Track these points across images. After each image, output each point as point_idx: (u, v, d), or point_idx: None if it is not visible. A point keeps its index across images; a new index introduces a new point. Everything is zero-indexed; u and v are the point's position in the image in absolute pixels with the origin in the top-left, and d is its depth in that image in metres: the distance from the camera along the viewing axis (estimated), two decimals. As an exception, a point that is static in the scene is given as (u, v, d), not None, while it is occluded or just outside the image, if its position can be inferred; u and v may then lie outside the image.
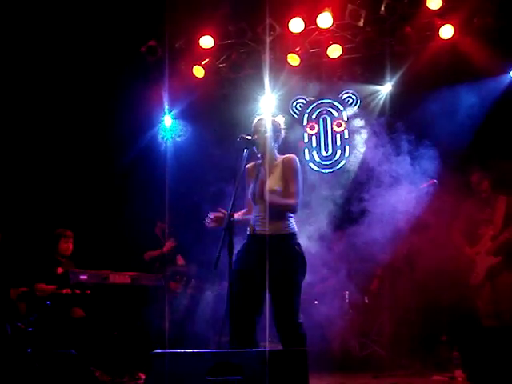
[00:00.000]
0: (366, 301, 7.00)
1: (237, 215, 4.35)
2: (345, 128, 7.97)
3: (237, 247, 4.20)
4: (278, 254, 4.17)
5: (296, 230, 4.31)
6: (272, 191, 4.26)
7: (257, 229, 4.29)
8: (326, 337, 6.56)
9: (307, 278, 4.29)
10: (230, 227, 4.07)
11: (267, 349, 3.32)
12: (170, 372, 3.23)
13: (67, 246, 6.44)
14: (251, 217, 4.34)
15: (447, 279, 6.16)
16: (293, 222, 4.34)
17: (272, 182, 4.31)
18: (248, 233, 4.34)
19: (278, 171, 4.36)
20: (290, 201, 4.25)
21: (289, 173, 4.34)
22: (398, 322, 6.54)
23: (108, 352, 5.85)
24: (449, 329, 6.25)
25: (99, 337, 5.82)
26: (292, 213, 4.30)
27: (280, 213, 4.29)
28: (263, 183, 4.34)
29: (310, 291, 6.37)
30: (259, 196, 4.32)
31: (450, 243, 6.28)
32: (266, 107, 7.59)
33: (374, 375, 5.95)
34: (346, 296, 6.93)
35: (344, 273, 6.73)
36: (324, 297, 6.75)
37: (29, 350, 3.12)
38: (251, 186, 4.41)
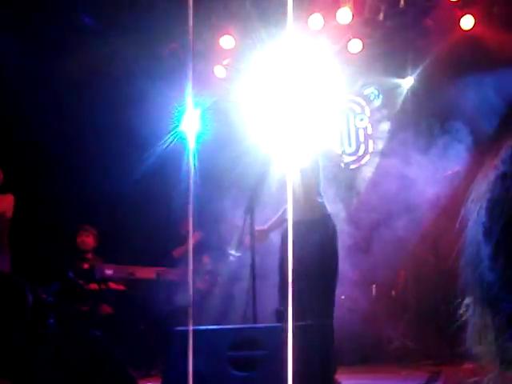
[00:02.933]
0: (393, 293, 6.94)
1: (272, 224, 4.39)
2: (368, 123, 7.95)
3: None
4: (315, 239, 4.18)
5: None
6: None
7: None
8: (354, 331, 6.51)
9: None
10: (252, 209, 4.11)
11: (289, 324, 3.31)
12: (192, 348, 3.25)
13: (84, 240, 6.46)
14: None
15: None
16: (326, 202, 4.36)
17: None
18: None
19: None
20: None
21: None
22: (424, 314, 6.47)
23: (134, 347, 5.88)
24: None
25: (126, 332, 5.86)
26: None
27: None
28: None
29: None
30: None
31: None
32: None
33: (404, 366, 5.89)
34: (373, 290, 6.89)
35: (370, 264, 6.68)
36: (351, 291, 6.70)
37: (51, 321, 3.16)
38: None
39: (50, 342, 2.90)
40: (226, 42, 7.74)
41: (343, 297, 6.76)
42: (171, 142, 7.72)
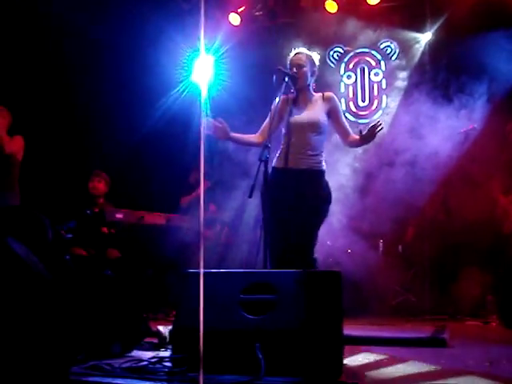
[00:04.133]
0: (400, 250, 6.95)
1: (237, 134, 4.38)
2: (383, 77, 7.83)
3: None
4: (309, 190, 4.21)
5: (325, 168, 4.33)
6: (313, 123, 4.26)
7: (289, 162, 4.27)
8: (357, 284, 6.55)
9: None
10: (266, 157, 4.07)
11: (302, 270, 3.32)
12: (204, 291, 3.27)
13: (96, 186, 6.47)
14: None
15: (483, 228, 6.07)
16: (324, 160, 4.34)
17: (312, 115, 4.29)
18: (274, 165, 4.32)
19: (318, 105, 4.36)
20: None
21: (337, 111, 4.41)
22: (431, 271, 6.51)
23: (142, 291, 5.92)
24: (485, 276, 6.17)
25: (133, 276, 5.90)
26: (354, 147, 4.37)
27: (316, 146, 4.28)
28: (304, 113, 4.33)
29: (343, 236, 6.38)
30: (299, 124, 4.30)
31: (488, 191, 6.17)
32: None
33: (407, 319, 5.94)
34: (380, 245, 6.90)
35: (378, 218, 6.67)
36: (357, 244, 6.72)
37: (67, 257, 3.18)
38: (286, 117, 4.38)
39: (65, 277, 2.92)
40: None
41: (349, 250, 6.80)
42: (183, 91, 7.65)
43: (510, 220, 5.96)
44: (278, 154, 4.37)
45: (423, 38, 7.58)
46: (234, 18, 7.85)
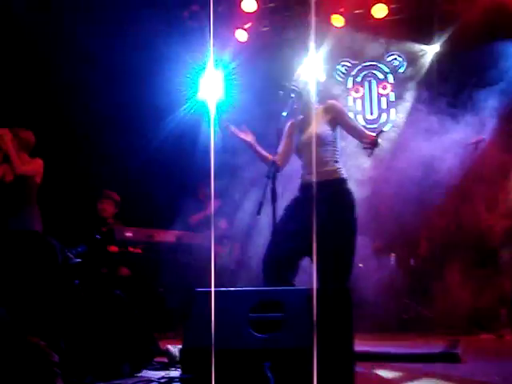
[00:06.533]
0: (412, 263, 6.90)
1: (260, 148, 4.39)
2: (390, 90, 7.83)
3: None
4: (329, 202, 3.94)
5: (346, 175, 4.24)
6: (318, 137, 4.23)
7: (305, 178, 4.25)
8: (369, 298, 6.49)
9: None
10: (274, 174, 4.07)
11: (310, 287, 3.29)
12: (213, 309, 3.25)
13: (105, 207, 6.45)
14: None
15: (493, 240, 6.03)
16: (342, 167, 4.27)
17: (316, 129, 4.27)
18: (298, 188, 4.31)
19: (320, 118, 4.33)
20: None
21: (340, 117, 4.31)
22: (443, 284, 6.44)
23: (152, 310, 5.91)
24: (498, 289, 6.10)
25: (143, 295, 5.89)
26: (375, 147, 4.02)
27: (327, 157, 4.23)
28: (308, 130, 4.32)
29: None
30: (304, 142, 4.29)
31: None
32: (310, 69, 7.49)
33: (419, 334, 5.88)
34: (392, 259, 6.86)
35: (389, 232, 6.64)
36: (369, 259, 6.67)
37: (76, 282, 3.18)
38: (295, 139, 4.40)
39: (75, 301, 2.92)
40: (248, 4, 7.63)
41: (361, 265, 6.75)
42: (191, 108, 7.68)
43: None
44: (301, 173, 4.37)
45: (430, 50, 7.58)
46: (241, 35, 7.88)
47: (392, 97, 7.82)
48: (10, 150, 5.35)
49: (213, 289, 2.80)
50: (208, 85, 8.11)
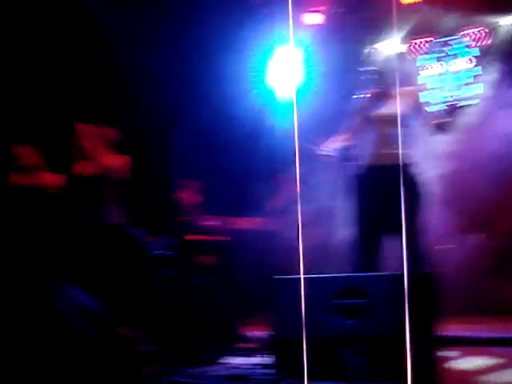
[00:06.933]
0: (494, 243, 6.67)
1: None
2: (472, 66, 7.56)
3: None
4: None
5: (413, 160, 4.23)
6: (394, 116, 4.17)
7: (377, 159, 4.21)
8: (447, 282, 6.33)
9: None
10: (349, 157, 4.08)
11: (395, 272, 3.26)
12: (298, 297, 3.26)
13: (185, 196, 6.56)
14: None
15: None
16: (409, 153, 4.24)
17: (392, 109, 4.23)
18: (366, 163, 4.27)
19: (399, 99, 4.27)
20: None
21: (415, 104, 4.37)
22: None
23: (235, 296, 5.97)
24: None
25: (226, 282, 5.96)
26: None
27: (400, 141, 4.18)
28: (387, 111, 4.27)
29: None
30: (380, 122, 4.24)
31: None
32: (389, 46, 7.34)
33: (498, 318, 5.69)
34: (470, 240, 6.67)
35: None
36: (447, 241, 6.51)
37: (169, 273, 3.26)
38: (371, 114, 4.35)
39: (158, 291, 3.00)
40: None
41: (438, 247, 6.58)
42: (263, 94, 7.69)
43: None
44: (369, 152, 4.33)
45: (508, 21, 7.24)
46: (314, 18, 7.83)
47: (471, 71, 7.55)
48: (93, 146, 5.51)
49: (302, 276, 2.81)
50: (282, 70, 8.10)
